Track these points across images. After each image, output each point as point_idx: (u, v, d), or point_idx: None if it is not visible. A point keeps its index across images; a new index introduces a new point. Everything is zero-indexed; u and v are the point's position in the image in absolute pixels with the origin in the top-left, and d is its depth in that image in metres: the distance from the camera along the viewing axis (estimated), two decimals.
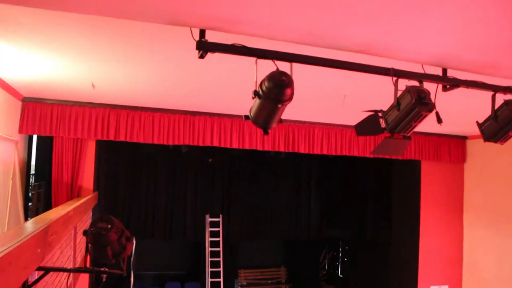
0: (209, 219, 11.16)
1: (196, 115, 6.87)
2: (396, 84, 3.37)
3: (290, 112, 3.65)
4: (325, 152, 7.56)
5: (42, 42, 3.67)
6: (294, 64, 3.05)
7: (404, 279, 8.71)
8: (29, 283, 2.51)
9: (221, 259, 11.02)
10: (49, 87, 5.51)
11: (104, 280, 2.80)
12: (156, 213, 10.74)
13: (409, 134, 3.51)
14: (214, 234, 11.14)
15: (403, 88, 3.32)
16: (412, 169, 8.63)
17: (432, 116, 3.36)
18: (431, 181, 8.55)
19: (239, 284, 13.19)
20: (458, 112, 5.94)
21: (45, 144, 6.84)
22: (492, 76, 3.88)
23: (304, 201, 12.29)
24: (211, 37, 2.95)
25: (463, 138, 8.64)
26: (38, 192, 7.03)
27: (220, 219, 11.24)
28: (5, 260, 1.59)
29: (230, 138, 6.98)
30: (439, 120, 3.49)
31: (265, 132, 3.09)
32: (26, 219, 5.89)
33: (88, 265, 2.93)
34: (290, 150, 7.38)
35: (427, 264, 8.43)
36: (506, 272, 7.81)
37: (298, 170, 12.15)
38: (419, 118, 3.23)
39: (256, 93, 2.87)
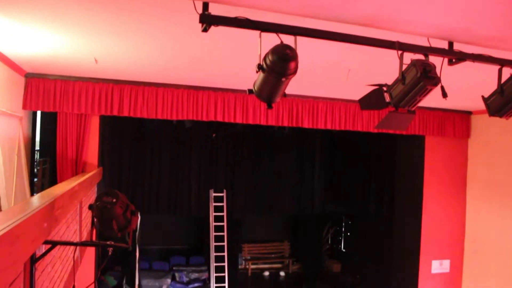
0: (213, 194, 11.24)
1: (200, 90, 6.84)
2: (401, 58, 3.33)
3: (294, 86, 3.63)
4: (329, 127, 7.54)
5: (44, 17, 3.64)
6: (299, 38, 3.01)
7: (406, 254, 8.79)
8: (37, 257, 2.54)
9: (225, 233, 11.14)
10: (52, 63, 5.48)
11: (110, 253, 2.83)
12: (161, 188, 10.82)
13: (413, 109, 3.49)
14: (218, 209, 11.24)
15: (409, 62, 3.28)
16: (416, 144, 8.61)
17: (437, 90, 3.34)
18: (435, 156, 8.54)
19: (243, 258, 13.37)
20: (464, 87, 5.90)
21: (49, 120, 6.85)
22: (499, 49, 3.82)
23: (308, 176, 12.33)
24: (215, 10, 2.91)
25: (468, 113, 8.58)
26: (43, 167, 7.07)
27: (224, 194, 11.32)
28: (13, 234, 1.61)
29: (234, 113, 6.96)
30: (444, 95, 3.46)
31: (269, 106, 3.08)
32: (32, 195, 5.95)
33: (94, 239, 2.97)
34: (294, 125, 7.36)
35: (430, 239, 8.49)
36: (508, 247, 7.86)
37: (301, 145, 12.16)
38: (424, 92, 3.20)
39: (260, 67, 2.85)
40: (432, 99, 3.65)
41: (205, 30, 2.92)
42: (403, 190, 8.98)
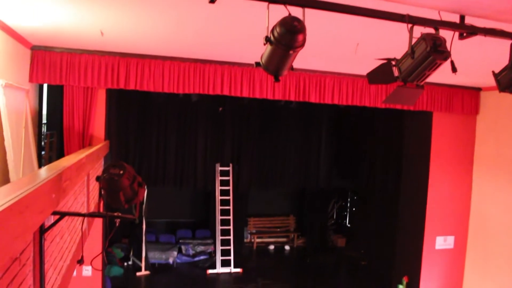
0: (219, 168, 11.30)
1: (206, 64, 6.79)
2: (411, 31, 3.27)
3: (301, 60, 3.59)
4: (336, 101, 7.49)
5: None
6: (307, 10, 2.96)
7: (411, 230, 8.84)
8: (46, 227, 2.58)
9: (231, 207, 11.25)
10: (58, 35, 5.44)
11: (117, 225, 2.87)
12: (167, 161, 10.88)
13: (422, 83, 3.45)
14: (224, 183, 11.31)
15: (418, 35, 3.23)
16: (423, 120, 8.55)
17: (446, 66, 3.29)
18: (442, 133, 8.48)
19: (249, 232, 13.51)
20: (474, 62, 5.81)
21: (56, 94, 6.85)
22: None
23: (314, 151, 12.34)
24: None
25: (477, 90, 8.48)
26: (51, 141, 7.11)
27: (230, 168, 11.37)
28: (22, 204, 1.63)
29: (241, 87, 6.93)
30: (454, 69, 3.41)
31: (276, 79, 3.05)
32: (39, 167, 5.99)
33: (101, 210, 3.00)
34: (301, 100, 7.32)
35: (435, 215, 8.52)
36: None
37: (308, 120, 12.13)
38: (434, 66, 3.16)
39: (267, 39, 2.82)
40: (441, 75, 3.61)
41: (212, 1, 2.88)
42: (409, 166, 8.96)
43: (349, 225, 14.31)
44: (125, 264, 10.97)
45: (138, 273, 10.51)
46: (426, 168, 8.48)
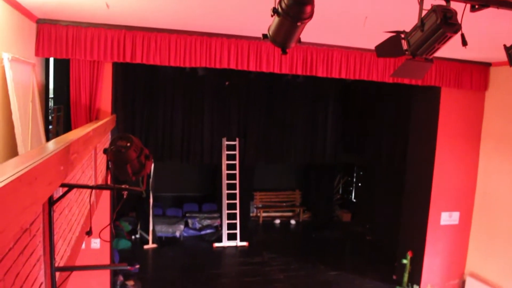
0: (226, 142, 11.32)
1: (213, 37, 6.73)
2: (421, 3, 3.21)
3: (308, 34, 3.54)
4: (343, 76, 7.42)
5: None
6: None
7: (416, 205, 8.86)
8: (54, 199, 2.61)
9: (237, 181, 11.31)
10: (63, 8, 5.40)
11: (124, 197, 2.89)
12: (174, 136, 10.91)
13: (431, 57, 3.40)
14: (230, 157, 11.35)
15: (429, 7, 3.17)
16: (431, 96, 8.46)
17: (456, 39, 3.23)
18: (450, 108, 8.40)
19: (255, 206, 13.63)
20: (485, 35, 5.69)
21: (62, 68, 6.84)
22: None
23: (321, 126, 12.32)
24: None
25: (487, 65, 8.34)
26: (58, 115, 7.14)
27: (236, 143, 11.39)
28: (31, 175, 1.64)
29: (248, 61, 6.87)
30: (464, 43, 3.35)
31: (283, 52, 3.02)
32: (47, 141, 6.02)
33: (109, 183, 3.02)
34: (308, 74, 7.25)
35: (440, 191, 8.52)
36: None
37: (315, 95, 12.07)
38: (444, 39, 3.11)
39: (275, 11, 2.78)
40: (450, 50, 3.56)
41: None
42: (416, 141, 8.93)
43: (354, 200, 14.38)
44: (133, 237, 11.13)
45: (145, 246, 10.68)
46: (432, 144, 8.45)
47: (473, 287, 8.61)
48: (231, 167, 11.38)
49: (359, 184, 14.14)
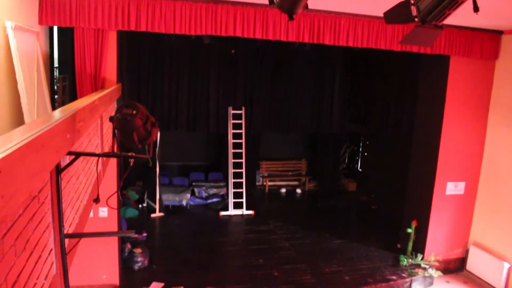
0: (232, 111, 11.30)
1: (219, 4, 6.62)
2: None
3: (316, 0, 3.47)
4: (350, 44, 7.31)
5: None
6: None
7: (422, 175, 8.86)
8: (62, 167, 2.62)
9: (243, 150, 11.34)
10: None
11: (131, 165, 2.90)
12: (179, 105, 10.90)
13: (441, 24, 3.33)
14: (236, 126, 11.34)
15: None
16: (440, 65, 8.34)
17: (467, 5, 3.15)
18: (459, 78, 8.29)
19: (261, 175, 13.70)
20: (497, 1, 5.56)
21: (66, 37, 6.78)
22: None
23: (327, 95, 12.25)
24: None
25: (498, 33, 8.16)
26: (63, 84, 7.12)
27: (242, 112, 11.37)
28: (38, 142, 1.64)
29: (254, 28, 6.77)
30: (476, 9, 3.27)
31: (290, 18, 2.96)
32: (53, 111, 6.03)
33: (115, 151, 3.03)
34: (315, 42, 7.15)
35: (447, 160, 8.50)
36: None
37: (322, 64, 11.95)
38: (455, 4, 3.03)
39: None
40: (460, 17, 3.47)
41: None
42: (423, 111, 8.86)
43: (360, 170, 14.41)
44: (140, 206, 11.27)
45: (152, 215, 10.82)
46: (440, 114, 8.38)
47: (477, 256, 8.70)
48: (237, 136, 11.39)
49: (365, 154, 14.14)
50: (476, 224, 8.92)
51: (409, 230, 8.81)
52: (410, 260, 8.66)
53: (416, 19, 3.31)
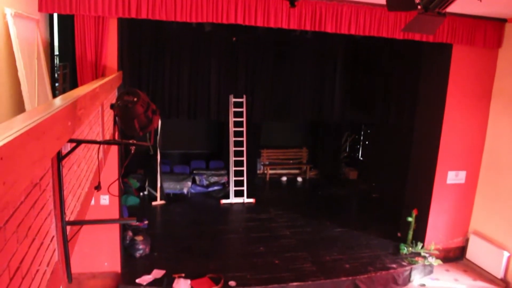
0: (233, 99, 11.28)
1: None
2: None
3: None
4: (352, 32, 7.27)
5: None
6: None
7: (423, 164, 8.86)
8: (63, 154, 2.62)
9: (244, 138, 11.33)
10: None
11: (132, 152, 2.90)
12: (180, 93, 10.86)
13: (444, 11, 3.31)
14: (237, 114, 11.33)
15: None
16: (442, 53, 8.29)
17: None
18: (461, 66, 8.24)
19: (262, 163, 13.72)
20: None
21: (67, 24, 6.75)
22: None
23: (329, 83, 12.20)
24: None
25: (502, 21, 8.09)
26: (64, 72, 7.10)
27: (244, 100, 11.34)
28: (39, 130, 1.64)
29: (255, 16, 6.72)
30: None
31: (292, 5, 2.94)
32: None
33: (116, 138, 3.03)
34: (317, 29, 7.10)
35: (448, 149, 8.49)
36: None
37: (323, 52, 11.89)
38: None
39: None
40: (464, 4, 3.44)
41: None
42: (425, 100, 8.82)
43: (361, 158, 14.42)
44: (141, 194, 11.30)
45: (153, 203, 10.85)
46: (442, 102, 8.35)
47: (476, 245, 8.73)
48: (238, 124, 11.38)
49: (366, 142, 14.14)
50: (476, 213, 8.94)
51: (410, 219, 8.83)
52: (410, 248, 8.69)
53: (419, 6, 3.29)
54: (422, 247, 8.68)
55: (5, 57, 4.56)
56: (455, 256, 9.10)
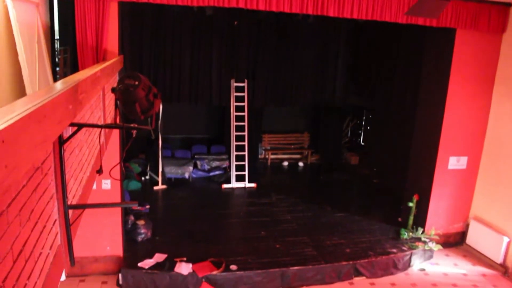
0: (235, 84, 11.24)
1: None
2: None
3: None
4: (355, 16, 7.19)
5: None
6: None
7: (425, 149, 8.85)
8: (64, 138, 2.62)
9: (245, 123, 11.32)
10: None
11: (134, 136, 2.89)
12: (182, 77, 10.83)
13: None
14: (239, 99, 11.30)
15: None
16: (445, 38, 8.21)
17: None
18: (464, 51, 8.16)
19: (263, 148, 13.73)
20: None
21: (67, 8, 6.69)
22: None
23: (331, 68, 12.15)
24: None
25: (507, 5, 7.99)
26: (64, 56, 7.07)
27: (245, 84, 11.30)
28: (40, 113, 1.64)
29: None
30: None
31: None
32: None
33: (118, 122, 3.02)
34: (319, 13, 7.03)
35: (450, 135, 8.47)
36: None
37: (325, 36, 11.81)
38: None
39: None
40: None
41: None
42: (428, 84, 8.77)
43: (363, 144, 14.42)
44: (143, 178, 11.33)
45: (155, 187, 10.89)
46: (444, 88, 8.30)
47: (477, 230, 8.77)
48: (239, 109, 11.35)
49: (368, 127, 14.12)
50: (477, 199, 8.96)
51: (410, 204, 8.85)
52: (410, 233, 8.73)
53: None
54: (423, 232, 8.71)
55: (5, 41, 4.53)
56: (455, 241, 9.15)
